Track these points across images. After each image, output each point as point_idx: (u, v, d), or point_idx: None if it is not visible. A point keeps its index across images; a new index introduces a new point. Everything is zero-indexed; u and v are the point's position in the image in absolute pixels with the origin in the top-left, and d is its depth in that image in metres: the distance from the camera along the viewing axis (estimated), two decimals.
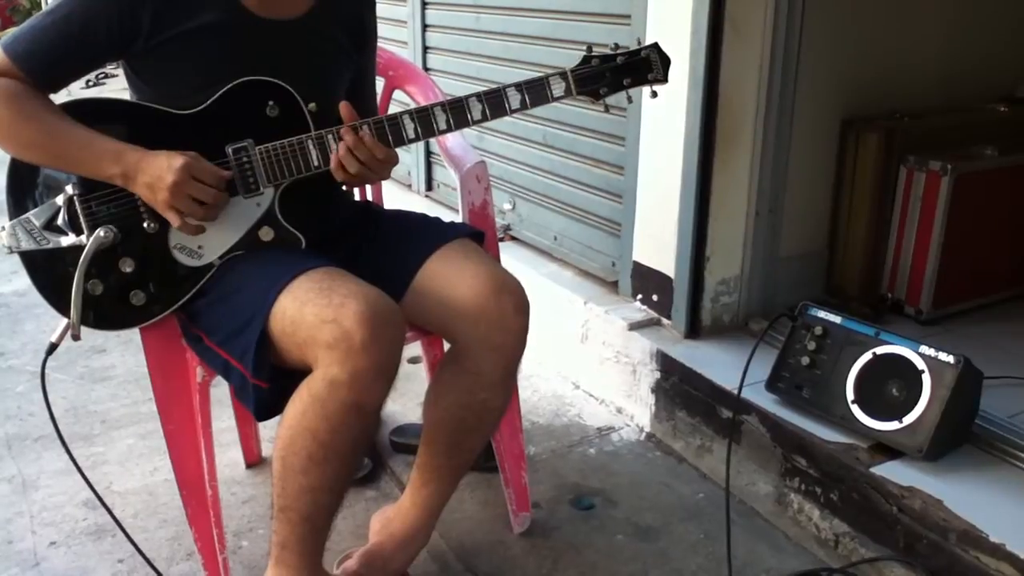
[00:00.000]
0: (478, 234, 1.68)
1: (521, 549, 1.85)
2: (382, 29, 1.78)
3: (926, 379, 1.75)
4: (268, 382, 1.38)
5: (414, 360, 2.40)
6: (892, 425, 1.77)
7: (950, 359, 1.74)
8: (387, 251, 1.63)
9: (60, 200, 1.45)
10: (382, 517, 1.76)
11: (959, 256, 2.38)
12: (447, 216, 1.76)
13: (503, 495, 1.90)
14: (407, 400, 2.36)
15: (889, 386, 1.80)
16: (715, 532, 1.89)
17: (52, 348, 1.48)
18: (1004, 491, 1.67)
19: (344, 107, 1.45)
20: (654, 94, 1.55)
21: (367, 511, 1.90)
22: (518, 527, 1.90)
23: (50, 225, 1.46)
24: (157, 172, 1.37)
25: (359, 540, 1.78)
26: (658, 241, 2.30)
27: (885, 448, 1.78)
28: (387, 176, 1.53)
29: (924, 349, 1.78)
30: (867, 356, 1.85)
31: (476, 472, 2.01)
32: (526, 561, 1.82)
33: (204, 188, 1.39)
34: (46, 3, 8.07)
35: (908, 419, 1.75)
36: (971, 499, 1.63)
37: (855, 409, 1.83)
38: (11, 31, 1.50)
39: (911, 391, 1.76)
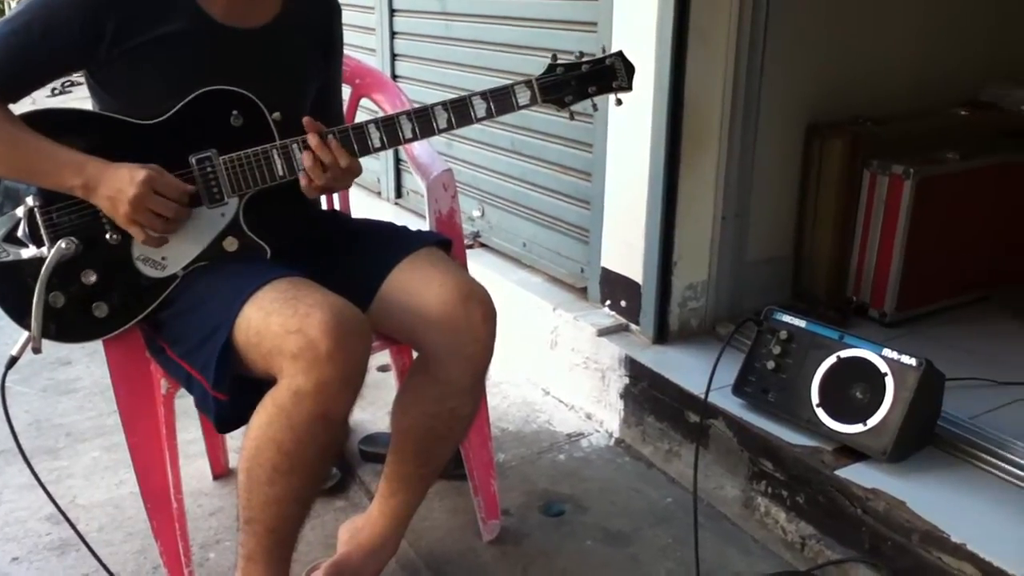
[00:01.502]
0: (446, 242, 1.68)
1: (491, 556, 1.85)
2: (350, 36, 1.77)
3: (889, 382, 1.77)
4: (228, 395, 1.37)
5: (383, 368, 2.40)
6: (856, 428, 1.79)
7: (912, 362, 1.77)
8: (354, 260, 1.62)
9: (20, 212, 1.43)
10: (351, 527, 1.75)
11: (922, 259, 2.41)
12: (416, 223, 1.76)
13: (472, 502, 1.90)
14: (376, 409, 2.35)
15: (853, 389, 1.82)
16: (684, 536, 1.89)
17: (12, 361, 1.45)
18: (966, 492, 1.70)
19: (307, 122, 1.44)
20: (619, 102, 1.56)
21: (336, 521, 1.89)
22: (488, 535, 1.89)
23: (10, 237, 1.44)
24: (119, 185, 1.35)
25: (328, 550, 1.77)
26: (626, 247, 2.32)
27: (850, 451, 1.80)
28: (350, 184, 1.53)
29: (887, 352, 1.80)
30: (831, 360, 1.87)
31: (445, 480, 2.00)
32: (496, 569, 1.82)
33: (166, 202, 1.38)
34: (9, 10, 7.96)
35: (872, 422, 1.77)
36: (934, 500, 1.65)
37: (820, 412, 1.84)
38: None
39: (874, 394, 1.79)
